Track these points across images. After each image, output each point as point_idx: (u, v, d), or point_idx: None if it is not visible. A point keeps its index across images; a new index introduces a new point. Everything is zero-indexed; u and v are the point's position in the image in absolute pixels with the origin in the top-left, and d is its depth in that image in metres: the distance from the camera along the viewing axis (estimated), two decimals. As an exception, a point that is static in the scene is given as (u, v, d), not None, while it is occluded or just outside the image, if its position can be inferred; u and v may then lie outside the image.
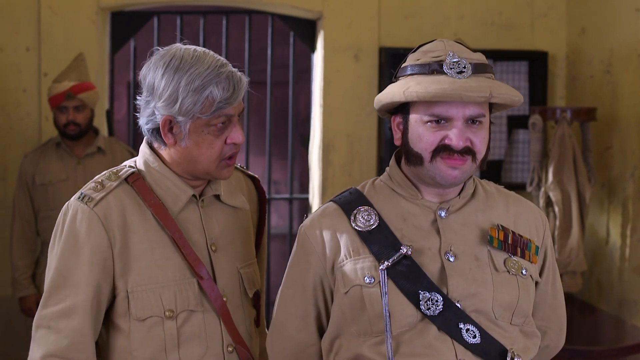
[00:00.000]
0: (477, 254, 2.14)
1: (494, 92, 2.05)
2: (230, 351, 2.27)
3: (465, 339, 2.07)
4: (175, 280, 2.21)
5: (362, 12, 5.35)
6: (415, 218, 2.16)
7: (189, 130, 2.16)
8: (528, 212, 2.26)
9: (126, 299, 2.19)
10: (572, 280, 4.65)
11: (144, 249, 2.20)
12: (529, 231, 2.23)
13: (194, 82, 2.12)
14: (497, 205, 2.23)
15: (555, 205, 4.64)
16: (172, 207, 2.23)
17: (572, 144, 4.67)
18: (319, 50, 5.47)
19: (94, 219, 2.17)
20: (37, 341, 2.17)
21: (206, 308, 2.24)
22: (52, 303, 2.17)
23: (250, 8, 5.60)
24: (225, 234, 2.32)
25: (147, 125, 2.22)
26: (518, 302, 2.14)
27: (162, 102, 2.15)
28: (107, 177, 2.24)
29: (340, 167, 5.38)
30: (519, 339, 2.15)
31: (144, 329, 2.20)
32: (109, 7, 5.28)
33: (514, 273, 2.15)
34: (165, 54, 2.19)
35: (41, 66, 5.12)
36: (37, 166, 4.57)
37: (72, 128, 4.52)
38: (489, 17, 5.43)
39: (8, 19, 5.12)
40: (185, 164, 2.22)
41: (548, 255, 2.28)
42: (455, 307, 2.08)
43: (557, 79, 5.46)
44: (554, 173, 4.66)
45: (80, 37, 5.14)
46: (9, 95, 5.14)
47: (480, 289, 2.11)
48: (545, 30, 5.44)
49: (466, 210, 2.19)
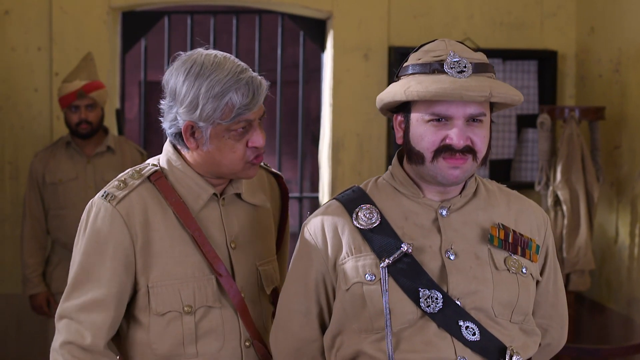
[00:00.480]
0: (478, 253, 2.16)
1: (494, 92, 2.07)
2: (247, 346, 2.32)
3: (464, 336, 2.09)
4: (195, 277, 2.27)
5: (371, 12, 5.36)
6: (417, 216, 2.18)
7: (210, 135, 2.21)
8: (529, 211, 2.28)
9: (147, 294, 2.25)
10: (581, 279, 4.66)
11: (164, 246, 2.25)
12: (530, 230, 2.24)
13: (213, 88, 2.16)
14: (499, 204, 2.25)
15: (563, 204, 4.65)
16: (193, 205, 2.28)
17: (581, 143, 4.68)
18: (329, 50, 5.49)
19: (116, 216, 2.23)
20: (59, 330, 2.25)
21: (224, 304, 2.30)
22: (74, 296, 2.24)
23: (260, 8, 5.62)
24: (245, 232, 2.37)
25: (170, 129, 2.27)
26: (518, 300, 2.16)
27: (183, 108, 2.19)
28: (130, 176, 2.29)
29: (349, 166, 5.39)
30: (519, 336, 2.17)
31: (162, 323, 2.26)
32: (120, 7, 5.32)
33: (514, 272, 2.16)
34: (186, 60, 2.23)
35: (52, 66, 5.16)
36: (47, 165, 4.60)
37: (84, 127, 4.54)
38: (498, 17, 5.44)
39: (20, 19, 5.16)
40: (209, 166, 2.27)
41: (549, 253, 2.30)
42: (455, 305, 2.10)
43: (566, 78, 5.46)
44: (562, 172, 4.66)
45: (91, 37, 5.17)
46: (21, 94, 5.18)
47: (480, 287, 2.13)
48: (555, 29, 5.45)
49: (467, 209, 2.20)
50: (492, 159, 5.42)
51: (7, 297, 5.18)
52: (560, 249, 4.69)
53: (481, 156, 2.14)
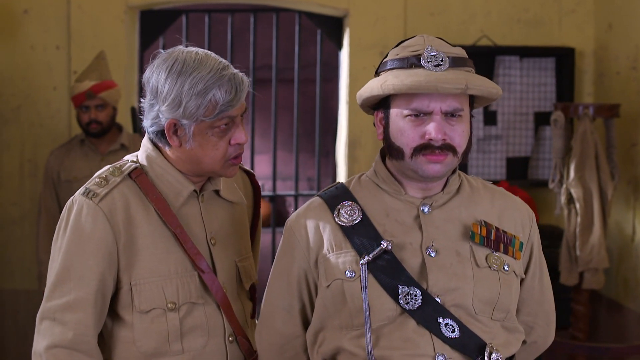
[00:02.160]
0: (459, 250, 2.16)
1: (470, 84, 2.09)
2: (231, 341, 2.33)
3: (444, 333, 2.09)
4: (177, 274, 2.27)
5: (387, 9, 5.36)
6: (398, 213, 2.19)
7: (194, 132, 2.21)
8: (514, 208, 2.27)
9: (129, 291, 2.26)
10: (594, 278, 4.62)
11: (147, 243, 2.26)
12: (514, 227, 2.24)
13: (196, 85, 2.17)
14: (482, 200, 2.25)
15: (576, 202, 4.61)
16: (173, 202, 2.29)
17: (595, 140, 4.64)
18: (345, 48, 5.49)
19: (99, 214, 2.23)
20: (41, 333, 2.22)
21: (207, 300, 2.31)
22: (56, 296, 2.22)
23: (278, 6, 5.64)
24: (224, 228, 2.38)
25: (151, 127, 2.27)
26: (499, 297, 2.16)
27: (166, 106, 2.20)
28: (111, 173, 2.29)
29: (366, 164, 5.39)
30: (500, 334, 2.17)
31: (147, 321, 2.26)
32: (138, 6, 5.35)
33: (496, 269, 2.16)
34: (167, 58, 2.23)
35: (71, 64, 5.21)
36: (62, 163, 4.65)
37: (94, 126, 4.59)
38: (515, 14, 5.41)
39: (38, 18, 5.22)
40: (190, 163, 2.27)
41: (534, 250, 2.30)
42: (434, 302, 2.10)
43: (584, 75, 5.42)
44: (576, 170, 4.63)
45: (109, 36, 5.22)
46: (40, 92, 5.24)
47: (460, 284, 2.13)
48: (573, 26, 5.41)
49: (450, 205, 2.21)
50: (509, 156, 5.40)
51: (28, 293, 5.24)
52: (574, 247, 4.66)
53: (461, 151, 2.14)
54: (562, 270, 4.73)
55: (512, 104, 5.43)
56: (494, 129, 5.42)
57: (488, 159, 5.40)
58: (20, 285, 5.27)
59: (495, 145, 5.41)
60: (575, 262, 4.67)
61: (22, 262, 5.26)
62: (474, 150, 5.34)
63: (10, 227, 5.28)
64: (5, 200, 5.27)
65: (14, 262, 5.29)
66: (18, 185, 5.27)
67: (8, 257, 5.29)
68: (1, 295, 5.32)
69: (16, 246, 5.28)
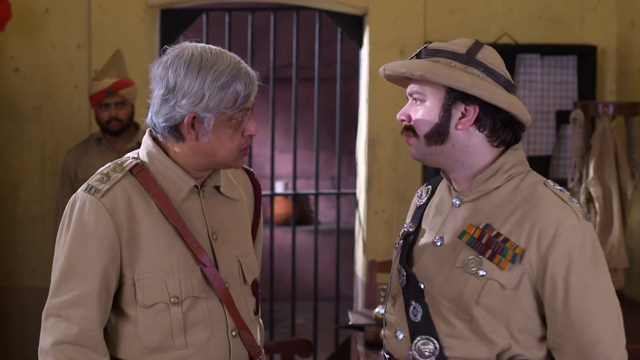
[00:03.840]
0: (456, 246, 2.25)
1: (409, 69, 2.23)
2: (234, 335, 2.34)
3: (410, 314, 2.28)
4: (180, 268, 2.29)
5: (407, 7, 5.35)
6: (443, 202, 2.35)
7: (213, 125, 2.24)
8: (538, 219, 2.19)
9: (132, 286, 2.27)
10: (614, 278, 4.57)
11: (149, 238, 2.27)
12: (525, 238, 2.18)
13: (219, 79, 2.20)
14: (509, 205, 2.23)
15: (595, 202, 4.57)
16: (175, 197, 2.31)
17: (614, 139, 4.60)
18: (365, 46, 5.48)
19: (101, 209, 2.24)
20: (47, 329, 2.25)
21: (210, 294, 2.32)
22: (61, 292, 2.24)
23: (298, 4, 5.63)
24: (225, 224, 2.40)
25: (164, 123, 2.27)
26: (462, 299, 2.20)
27: (186, 100, 2.21)
28: (112, 169, 2.32)
29: (385, 162, 5.38)
30: (465, 335, 2.21)
31: (150, 315, 2.28)
32: (159, 5, 5.38)
33: (471, 272, 2.20)
34: (181, 53, 2.24)
35: (91, 63, 5.25)
36: (80, 162, 4.67)
37: (114, 124, 4.62)
38: (537, 11, 5.37)
39: (59, 17, 5.25)
40: (204, 156, 2.29)
41: (555, 270, 2.17)
42: (415, 285, 2.27)
43: (607, 73, 5.38)
44: (595, 169, 4.59)
45: (129, 35, 5.25)
46: (61, 91, 5.28)
47: (436, 277, 2.26)
48: (595, 24, 5.37)
49: (477, 204, 2.26)
50: (530, 155, 5.37)
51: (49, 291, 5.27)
52: (593, 247, 4.62)
53: (420, 133, 2.25)
54: (582, 270, 4.69)
55: (533, 102, 5.39)
56: (515, 128, 5.38)
57: (509, 157, 5.35)
58: (42, 282, 5.30)
59: (516, 143, 5.36)
60: (594, 262, 4.62)
61: (43, 259, 5.30)
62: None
63: (32, 224, 5.33)
64: (27, 198, 5.32)
65: (35, 259, 5.34)
66: (39, 183, 5.31)
67: (29, 254, 5.34)
68: (23, 293, 5.37)
69: (37, 243, 5.33)
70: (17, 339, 5.38)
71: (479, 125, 2.24)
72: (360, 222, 5.72)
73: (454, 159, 2.26)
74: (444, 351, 2.21)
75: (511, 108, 2.23)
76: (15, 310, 5.40)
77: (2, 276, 5.36)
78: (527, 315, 2.20)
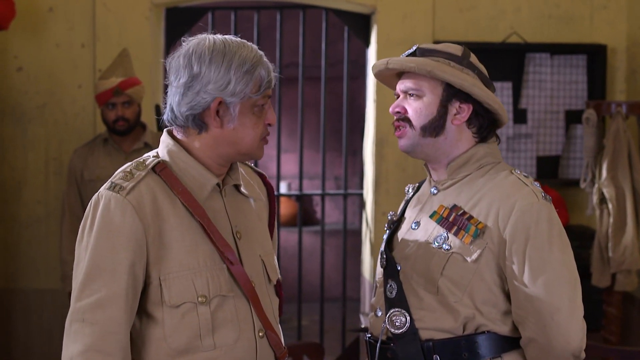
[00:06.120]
0: (428, 227, 2.46)
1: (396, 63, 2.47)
2: (261, 336, 2.29)
3: (387, 291, 2.48)
4: (207, 266, 2.24)
5: (416, 6, 5.29)
6: (424, 193, 2.56)
7: (239, 111, 2.24)
8: (499, 200, 2.39)
9: (159, 286, 2.21)
10: (627, 279, 4.53)
11: (175, 236, 2.22)
12: (487, 215, 2.39)
13: (244, 64, 2.21)
14: (476, 188, 2.44)
15: (608, 202, 4.52)
16: (198, 194, 2.27)
17: (628, 138, 4.55)
18: (373, 45, 5.43)
19: (127, 207, 2.19)
20: (71, 336, 2.17)
21: (237, 293, 2.27)
22: (86, 295, 2.17)
23: (304, 3, 5.58)
24: (247, 223, 2.36)
25: (189, 111, 2.24)
26: (429, 271, 2.41)
27: (212, 85, 2.20)
28: (135, 167, 2.27)
29: (393, 162, 5.33)
30: (433, 306, 2.40)
31: (177, 316, 2.21)
32: (164, 3, 5.32)
33: (437, 246, 2.41)
34: (202, 42, 2.24)
35: (96, 62, 5.19)
36: (86, 162, 4.62)
37: (121, 124, 4.56)
38: (546, 10, 5.32)
39: (64, 16, 5.20)
40: (225, 146, 2.26)
41: (514, 244, 2.35)
42: (393, 266, 2.48)
43: (617, 73, 5.33)
44: (608, 169, 4.54)
45: (134, 34, 5.19)
46: (65, 91, 5.22)
47: (410, 255, 2.46)
48: (605, 22, 5.32)
49: (450, 191, 2.47)
50: (539, 155, 5.32)
51: (53, 293, 5.23)
52: (606, 248, 4.57)
53: (418, 125, 2.43)
54: (594, 271, 4.65)
55: (543, 102, 5.35)
56: (524, 128, 5.34)
57: (518, 157, 5.32)
58: (45, 284, 5.26)
59: (525, 144, 5.33)
60: (607, 264, 4.59)
61: (47, 260, 5.24)
62: (503, 149, 5.26)
63: (36, 225, 5.27)
64: (30, 198, 5.26)
65: (39, 260, 5.28)
66: (43, 183, 5.25)
67: (33, 255, 5.28)
68: (26, 295, 5.31)
69: (41, 244, 5.27)
70: (21, 340, 5.33)
71: (469, 122, 2.46)
72: (367, 223, 5.66)
73: (442, 151, 2.46)
74: (414, 323, 2.40)
75: (500, 110, 2.45)
76: (19, 312, 5.34)
77: (6, 277, 5.31)
78: (489, 289, 2.38)
